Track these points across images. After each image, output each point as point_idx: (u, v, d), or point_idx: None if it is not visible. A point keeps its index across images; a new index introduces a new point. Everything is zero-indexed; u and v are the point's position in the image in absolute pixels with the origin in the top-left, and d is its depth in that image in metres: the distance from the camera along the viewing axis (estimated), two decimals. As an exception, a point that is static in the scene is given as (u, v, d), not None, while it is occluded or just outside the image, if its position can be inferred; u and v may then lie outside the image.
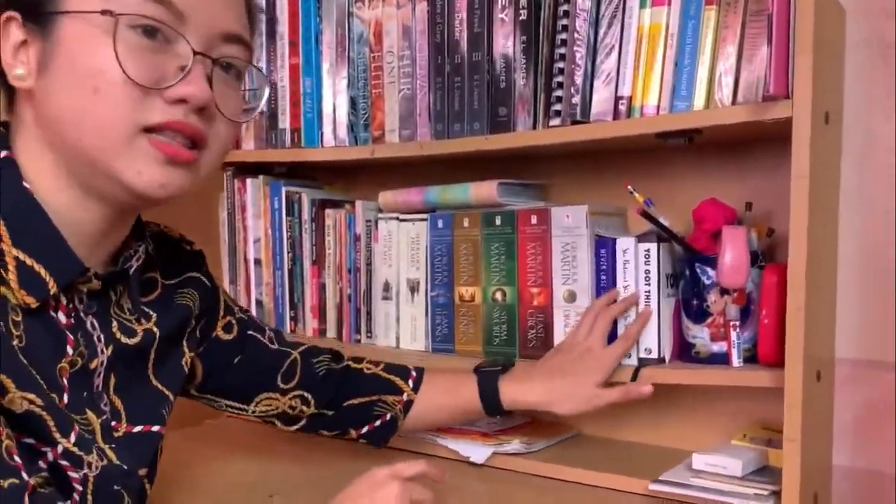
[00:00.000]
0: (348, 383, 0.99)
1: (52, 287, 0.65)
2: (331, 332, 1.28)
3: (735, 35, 0.90)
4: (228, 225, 1.37)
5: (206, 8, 0.65)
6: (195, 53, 0.63)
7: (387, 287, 1.21)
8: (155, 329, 0.77)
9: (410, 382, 1.00)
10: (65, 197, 0.66)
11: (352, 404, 0.98)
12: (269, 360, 0.95)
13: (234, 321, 0.93)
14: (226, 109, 0.67)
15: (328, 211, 1.28)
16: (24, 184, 0.65)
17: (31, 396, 0.62)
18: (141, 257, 0.75)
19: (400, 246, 1.20)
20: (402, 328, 1.20)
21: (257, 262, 1.36)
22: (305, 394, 0.96)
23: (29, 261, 0.63)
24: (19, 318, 0.62)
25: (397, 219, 1.20)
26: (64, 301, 0.67)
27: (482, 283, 1.11)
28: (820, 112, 0.86)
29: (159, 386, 0.79)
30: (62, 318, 0.67)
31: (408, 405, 0.99)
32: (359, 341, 1.24)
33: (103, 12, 0.60)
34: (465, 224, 1.13)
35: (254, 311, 1.35)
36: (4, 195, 0.64)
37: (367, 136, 1.21)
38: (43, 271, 0.64)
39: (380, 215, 1.22)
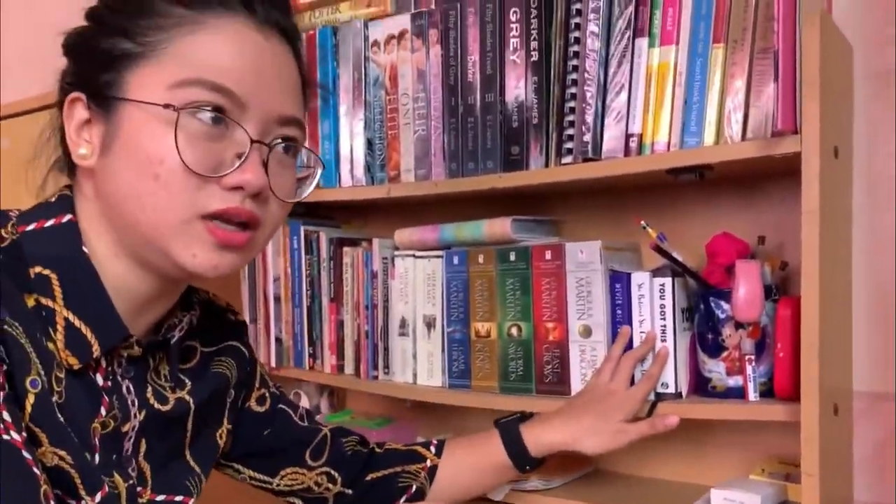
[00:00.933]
0: (372, 461, 0.97)
1: (96, 350, 0.66)
2: (349, 369, 1.29)
3: (743, 72, 0.92)
4: (249, 263, 1.39)
5: (265, 93, 0.66)
6: (252, 142, 0.65)
7: (403, 323, 1.23)
8: (188, 398, 0.77)
9: (432, 448, 0.98)
10: (119, 265, 0.68)
11: (375, 478, 0.96)
12: (299, 435, 0.94)
13: (267, 394, 0.92)
14: (280, 191, 0.68)
15: (346, 249, 1.30)
16: (84, 248, 0.67)
17: (62, 453, 0.63)
18: (184, 328, 0.76)
19: (416, 283, 1.21)
20: (419, 364, 1.21)
21: (277, 299, 1.37)
22: (332, 471, 0.94)
23: (77, 322, 0.65)
24: (62, 375, 0.64)
25: (413, 256, 1.22)
26: (104, 363, 0.69)
27: (498, 318, 1.12)
28: (829, 146, 0.87)
29: (191, 460, 0.79)
30: (100, 379, 0.68)
31: (432, 471, 0.97)
32: (376, 377, 1.25)
33: (166, 106, 0.62)
34: (480, 260, 1.14)
35: (273, 348, 1.37)
36: (64, 257, 0.66)
37: (384, 175, 1.24)
38: (89, 334, 0.66)
39: (396, 253, 1.24)
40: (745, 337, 0.96)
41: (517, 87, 1.09)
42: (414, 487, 0.96)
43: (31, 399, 0.61)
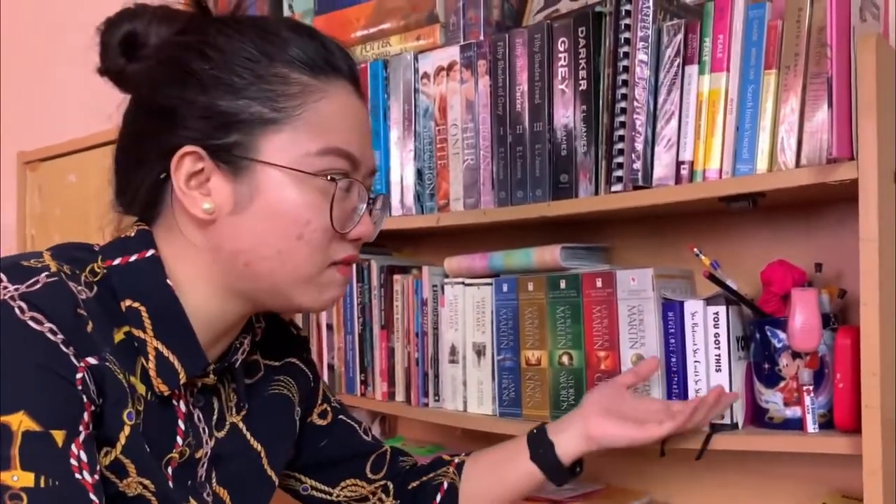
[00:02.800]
0: (412, 472, 0.99)
1: (182, 378, 0.69)
2: (399, 396, 1.30)
3: (796, 97, 0.91)
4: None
5: (368, 153, 0.74)
6: (369, 199, 0.73)
7: (453, 351, 1.23)
8: (241, 424, 0.79)
9: (462, 454, 1.00)
10: (204, 298, 0.71)
11: (414, 486, 0.97)
12: (361, 447, 0.96)
13: (329, 408, 0.95)
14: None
15: (396, 277, 1.32)
16: (168, 281, 0.70)
17: (147, 482, 0.66)
18: (246, 349, 0.79)
19: (466, 310, 1.22)
20: (469, 392, 1.21)
21: (329, 327, 1.39)
22: (389, 484, 0.96)
23: (166, 352, 0.69)
24: (142, 408, 0.67)
25: (463, 283, 1.22)
26: (182, 393, 0.72)
27: (548, 346, 1.12)
28: (887, 172, 0.85)
29: (270, 473, 0.82)
30: (182, 407, 0.72)
31: (460, 466, 0.97)
32: (426, 405, 1.26)
33: (330, 179, 0.69)
34: (530, 288, 1.14)
35: (325, 376, 1.38)
36: (151, 290, 0.69)
37: (433, 204, 1.25)
38: (176, 362, 0.69)
39: (446, 280, 1.25)
40: (802, 367, 0.93)
41: (565, 116, 1.09)
42: (446, 484, 0.96)
43: (126, 431, 0.64)
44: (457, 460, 0.99)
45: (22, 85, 2.34)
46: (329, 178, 0.69)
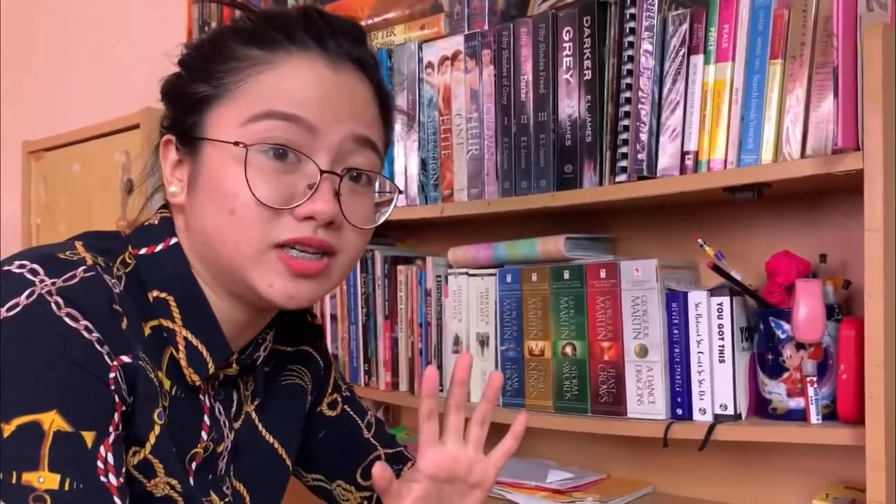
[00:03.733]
0: None
1: (211, 367, 0.69)
2: (403, 386, 1.30)
3: (802, 88, 0.90)
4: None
5: (334, 120, 0.67)
6: (322, 172, 0.66)
7: (457, 341, 1.23)
8: (254, 415, 0.79)
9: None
10: (211, 292, 0.71)
11: None
12: (356, 446, 0.92)
13: (339, 398, 0.93)
14: (354, 218, 0.69)
15: (400, 267, 1.32)
16: (192, 270, 0.70)
17: (174, 482, 0.66)
18: (268, 346, 0.78)
19: (469, 300, 1.22)
20: (472, 382, 1.21)
21: (333, 317, 1.40)
22: (376, 495, 0.92)
23: (195, 341, 0.68)
24: (167, 404, 0.67)
25: (467, 274, 1.22)
26: (206, 386, 0.72)
27: (552, 337, 1.12)
28: (892, 162, 0.85)
29: (285, 455, 0.81)
30: (207, 401, 0.71)
31: None
32: (431, 395, 1.26)
33: (235, 143, 0.65)
34: (534, 278, 1.14)
35: (329, 366, 1.39)
36: (177, 280, 0.69)
37: (437, 195, 1.25)
38: (205, 352, 0.69)
39: (450, 271, 1.25)
40: (806, 358, 0.93)
41: (570, 106, 1.09)
42: None
43: (156, 431, 0.64)
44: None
45: (27, 74, 2.35)
46: (242, 145, 0.64)
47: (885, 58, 0.82)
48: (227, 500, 0.73)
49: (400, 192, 0.78)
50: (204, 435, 0.70)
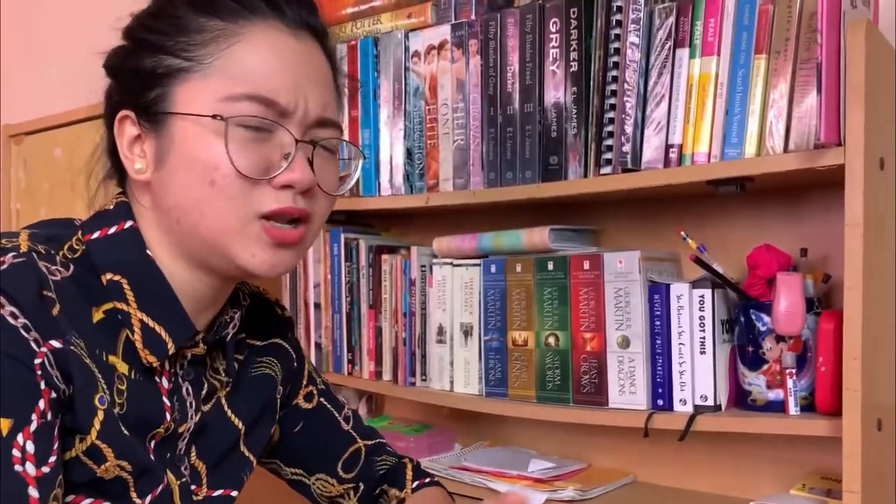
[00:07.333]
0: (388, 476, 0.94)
1: (171, 348, 0.69)
2: (386, 375, 1.31)
3: (786, 83, 0.91)
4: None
5: (303, 97, 0.69)
6: (297, 141, 0.68)
7: (441, 331, 1.24)
8: (224, 401, 0.79)
9: (414, 484, 0.93)
10: (178, 268, 0.71)
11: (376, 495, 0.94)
12: (335, 438, 0.93)
13: (315, 391, 0.93)
14: (326, 185, 0.72)
15: (385, 256, 1.32)
16: (147, 251, 0.70)
17: (124, 464, 0.66)
18: (237, 324, 0.79)
19: (454, 290, 1.22)
20: (455, 372, 1.22)
21: (317, 305, 1.40)
22: (360, 484, 0.93)
23: (151, 323, 0.68)
24: (124, 387, 0.67)
25: (451, 264, 1.23)
26: (167, 367, 0.72)
27: (535, 327, 1.13)
28: (874, 158, 0.86)
29: (246, 450, 0.81)
30: (165, 383, 0.71)
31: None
32: (413, 384, 1.26)
33: (214, 117, 0.66)
34: (518, 269, 1.15)
35: (312, 354, 1.39)
36: (132, 262, 0.69)
37: (423, 184, 1.25)
38: (164, 333, 0.69)
39: (434, 261, 1.25)
40: (785, 350, 0.95)
41: (556, 97, 1.09)
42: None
43: (100, 416, 0.64)
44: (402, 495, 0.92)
45: (7, 57, 2.31)
46: (221, 118, 0.65)
47: (868, 54, 0.83)
48: (183, 479, 0.73)
49: (363, 157, 0.81)
50: (167, 415, 0.70)
